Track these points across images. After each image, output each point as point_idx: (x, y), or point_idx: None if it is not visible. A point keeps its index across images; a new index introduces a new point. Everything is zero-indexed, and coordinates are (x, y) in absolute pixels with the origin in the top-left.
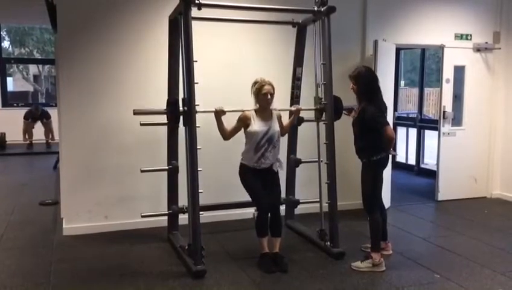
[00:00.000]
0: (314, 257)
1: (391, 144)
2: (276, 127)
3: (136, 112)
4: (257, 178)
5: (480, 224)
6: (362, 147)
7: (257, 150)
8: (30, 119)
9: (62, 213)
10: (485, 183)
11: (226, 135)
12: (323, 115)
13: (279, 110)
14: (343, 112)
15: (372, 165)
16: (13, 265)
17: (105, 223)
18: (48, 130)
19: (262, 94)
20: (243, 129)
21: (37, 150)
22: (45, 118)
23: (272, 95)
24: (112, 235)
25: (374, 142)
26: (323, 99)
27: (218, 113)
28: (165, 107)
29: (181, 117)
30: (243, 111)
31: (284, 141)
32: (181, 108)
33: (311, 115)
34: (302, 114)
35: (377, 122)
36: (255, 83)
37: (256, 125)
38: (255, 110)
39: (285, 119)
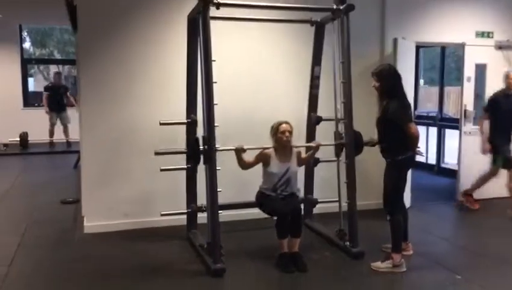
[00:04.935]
0: (333, 256)
1: (416, 142)
2: (295, 167)
3: (157, 153)
4: (275, 199)
5: (502, 224)
6: (387, 146)
7: (275, 189)
8: (50, 91)
9: (83, 211)
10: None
11: (244, 167)
12: (343, 150)
13: (299, 147)
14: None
15: (397, 165)
16: (34, 262)
17: (125, 221)
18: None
19: (280, 132)
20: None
21: (58, 149)
22: (64, 90)
23: (290, 132)
24: (132, 233)
25: (399, 141)
26: (343, 135)
27: (238, 151)
28: (184, 105)
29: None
30: (263, 149)
31: (302, 141)
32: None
33: (330, 113)
34: (320, 113)
35: (398, 119)
36: (272, 125)
37: (275, 167)
38: (275, 148)
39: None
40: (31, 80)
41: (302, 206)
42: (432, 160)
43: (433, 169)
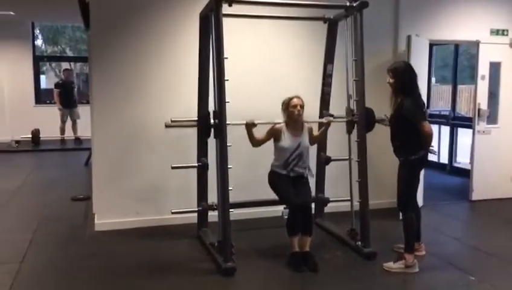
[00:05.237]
0: (345, 256)
1: (430, 140)
2: (306, 142)
3: (168, 125)
4: (287, 181)
5: None
6: (400, 145)
7: (286, 165)
8: (61, 88)
9: (94, 209)
10: None
11: (255, 144)
12: (355, 127)
13: (310, 122)
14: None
15: (410, 164)
16: (45, 259)
17: (136, 219)
18: (74, 112)
19: (291, 106)
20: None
21: (70, 146)
22: (73, 84)
23: (302, 107)
24: (143, 231)
25: (413, 139)
26: (355, 111)
27: (249, 126)
28: (196, 104)
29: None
30: (274, 124)
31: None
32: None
33: (343, 111)
34: (332, 111)
35: (412, 116)
36: (284, 101)
37: (287, 141)
38: (286, 123)
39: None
40: (43, 77)
41: (312, 205)
42: (444, 159)
43: (445, 168)
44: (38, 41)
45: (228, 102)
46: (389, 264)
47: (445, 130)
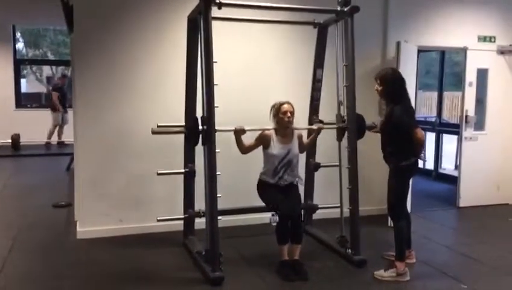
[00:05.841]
0: (335, 264)
1: (421, 147)
2: (296, 149)
3: (155, 132)
4: (276, 190)
5: (504, 232)
6: (391, 152)
7: (275, 173)
8: (60, 92)
9: (76, 216)
10: (508, 189)
11: (244, 151)
12: (346, 133)
13: (300, 129)
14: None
15: (400, 171)
16: (26, 268)
17: (120, 227)
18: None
19: (281, 113)
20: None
21: (51, 151)
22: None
23: (292, 113)
24: (127, 239)
25: (403, 146)
26: (345, 118)
27: (238, 133)
28: (182, 109)
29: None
30: (263, 130)
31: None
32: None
33: (332, 117)
34: (321, 117)
35: (405, 124)
36: (274, 105)
37: (276, 148)
38: (275, 130)
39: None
40: (23, 81)
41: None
42: (430, 165)
43: (430, 174)
44: (19, 45)
45: (217, 107)
46: (380, 272)
47: (430, 136)
